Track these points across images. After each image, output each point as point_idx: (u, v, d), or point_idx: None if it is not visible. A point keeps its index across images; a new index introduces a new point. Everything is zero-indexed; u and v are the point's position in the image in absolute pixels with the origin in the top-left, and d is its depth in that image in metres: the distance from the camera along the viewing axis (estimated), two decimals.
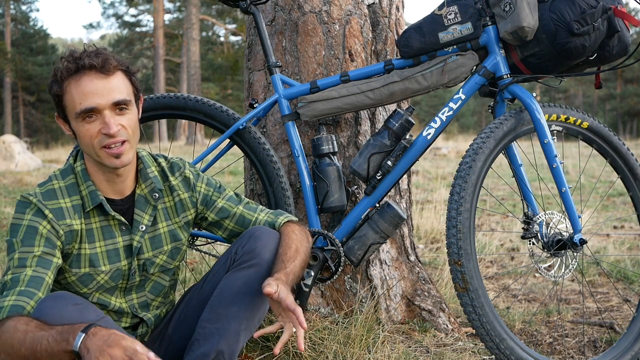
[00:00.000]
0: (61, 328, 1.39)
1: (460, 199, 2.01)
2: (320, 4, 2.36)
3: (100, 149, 1.61)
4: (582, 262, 3.16)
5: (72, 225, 1.65)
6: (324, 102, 2.18)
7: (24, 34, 35.66)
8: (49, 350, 1.37)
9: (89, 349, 1.33)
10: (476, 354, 2.21)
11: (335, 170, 2.15)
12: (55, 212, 1.63)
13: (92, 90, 1.58)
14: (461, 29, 2.10)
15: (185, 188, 1.83)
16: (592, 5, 2.00)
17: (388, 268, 2.44)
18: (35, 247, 1.58)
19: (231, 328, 1.64)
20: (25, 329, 1.41)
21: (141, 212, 1.75)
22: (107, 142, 1.60)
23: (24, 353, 1.39)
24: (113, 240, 1.71)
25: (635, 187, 2.29)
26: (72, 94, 1.59)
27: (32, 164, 11.37)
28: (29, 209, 1.63)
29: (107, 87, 1.59)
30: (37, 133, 33.35)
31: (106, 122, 1.58)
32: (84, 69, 1.59)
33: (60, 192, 1.67)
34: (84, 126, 1.60)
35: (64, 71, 1.60)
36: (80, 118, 1.59)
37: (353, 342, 2.07)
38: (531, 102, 2.07)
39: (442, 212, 4.63)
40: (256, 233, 1.76)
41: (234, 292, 1.68)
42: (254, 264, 1.70)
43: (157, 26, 27.29)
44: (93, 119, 1.59)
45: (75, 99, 1.58)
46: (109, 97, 1.59)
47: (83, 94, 1.58)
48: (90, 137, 1.60)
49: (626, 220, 5.44)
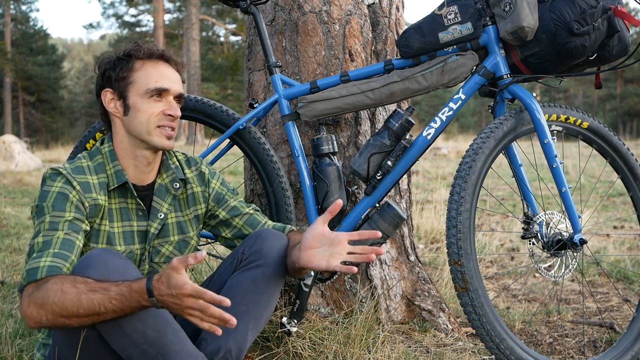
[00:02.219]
0: (120, 286, 1.44)
1: (460, 199, 2.00)
2: (320, 4, 2.36)
3: (156, 128, 1.73)
4: (582, 262, 3.16)
5: (98, 200, 1.70)
6: (324, 102, 2.18)
7: (24, 34, 35.65)
8: (117, 308, 1.43)
9: (164, 299, 1.40)
10: (476, 354, 2.21)
11: (335, 170, 2.15)
12: (82, 185, 1.69)
13: (168, 75, 1.76)
14: (461, 29, 2.10)
15: (200, 182, 1.90)
16: (592, 5, 2.00)
17: (388, 268, 2.44)
18: (66, 212, 1.63)
19: (239, 327, 1.64)
20: (76, 291, 1.44)
21: (161, 200, 1.81)
22: (166, 122, 1.74)
23: (82, 313, 1.44)
24: (130, 223, 1.76)
25: (635, 187, 2.29)
26: (148, 72, 1.74)
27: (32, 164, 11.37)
28: (59, 178, 1.67)
29: (177, 78, 1.79)
30: (37, 133, 33.34)
31: (172, 105, 1.75)
32: (164, 57, 1.77)
33: (87, 170, 1.74)
34: (150, 103, 1.73)
35: (146, 52, 1.75)
36: (148, 95, 1.72)
37: (353, 342, 2.07)
38: (531, 102, 2.07)
39: (442, 212, 4.63)
40: (263, 234, 1.79)
41: (241, 291, 1.70)
42: (262, 264, 1.72)
43: (157, 26, 27.27)
44: (160, 99, 1.74)
45: (152, 77, 1.73)
46: (178, 86, 1.78)
47: (161, 75, 1.74)
48: (152, 114, 1.73)
49: (626, 220, 5.44)
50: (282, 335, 2.10)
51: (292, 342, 2.08)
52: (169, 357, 1.50)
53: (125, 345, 1.51)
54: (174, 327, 1.55)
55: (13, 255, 3.92)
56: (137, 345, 1.50)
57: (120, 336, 1.50)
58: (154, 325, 1.52)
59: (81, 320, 1.46)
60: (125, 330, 1.50)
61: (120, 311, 1.44)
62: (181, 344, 1.53)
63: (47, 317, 1.46)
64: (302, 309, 2.11)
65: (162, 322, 1.54)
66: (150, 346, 1.50)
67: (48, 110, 35.38)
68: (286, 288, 2.36)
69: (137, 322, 1.50)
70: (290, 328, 2.05)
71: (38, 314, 1.47)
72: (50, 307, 1.45)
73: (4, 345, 2.19)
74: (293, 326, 2.06)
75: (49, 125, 34.62)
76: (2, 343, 2.21)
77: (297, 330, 2.07)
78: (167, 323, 1.55)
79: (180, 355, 1.51)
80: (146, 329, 1.51)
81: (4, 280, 3.21)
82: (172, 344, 1.52)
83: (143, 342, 1.50)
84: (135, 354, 1.51)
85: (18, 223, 5.04)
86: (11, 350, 2.14)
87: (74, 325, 1.47)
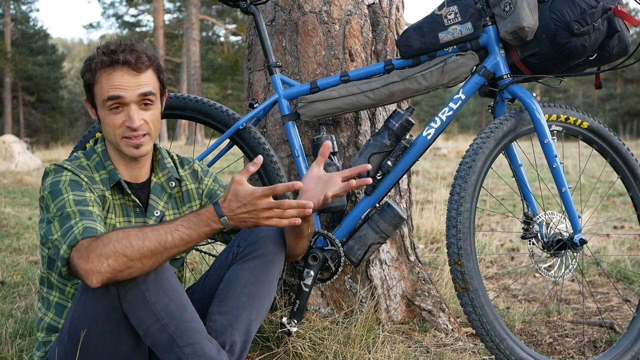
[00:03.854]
0: (185, 217, 1.51)
1: (460, 199, 2.01)
2: (320, 4, 2.36)
3: (122, 139, 1.70)
4: (582, 262, 3.16)
5: (104, 192, 1.72)
6: (324, 102, 2.18)
7: (24, 34, 35.67)
8: (185, 236, 1.48)
9: (237, 214, 1.49)
10: (476, 354, 2.21)
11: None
12: (88, 178, 1.70)
13: (121, 84, 1.67)
14: (461, 29, 2.10)
15: (193, 180, 1.91)
16: (592, 5, 2.00)
17: (388, 268, 2.44)
18: (86, 192, 1.64)
19: (242, 318, 1.66)
20: (133, 231, 1.47)
21: (157, 198, 1.82)
22: (129, 134, 1.69)
23: (147, 247, 1.46)
24: (129, 219, 1.78)
25: (635, 187, 2.29)
26: (102, 84, 1.68)
27: (32, 164, 11.37)
28: (66, 172, 1.68)
29: (136, 82, 1.68)
30: (37, 133, 33.34)
31: (130, 116, 1.67)
32: (117, 64, 1.67)
33: (88, 167, 1.75)
34: (110, 116, 1.69)
35: (99, 63, 1.68)
36: (107, 107, 1.68)
37: (353, 342, 2.07)
38: (531, 102, 2.07)
39: (442, 212, 4.63)
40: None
41: (241, 283, 1.71)
42: (259, 255, 1.74)
43: (157, 26, 27.26)
44: (119, 110, 1.68)
45: (104, 88, 1.68)
46: (137, 91, 1.68)
47: (112, 85, 1.67)
48: (114, 126, 1.69)
49: (626, 220, 5.44)
50: (282, 335, 2.10)
51: (292, 342, 2.08)
52: (187, 333, 1.51)
53: (145, 317, 1.51)
54: (193, 308, 1.57)
55: (13, 255, 3.92)
56: (158, 318, 1.51)
57: (143, 306, 1.51)
58: (176, 300, 1.53)
59: (145, 261, 1.46)
60: (149, 300, 1.50)
61: (188, 239, 1.48)
62: (200, 324, 1.56)
63: (109, 263, 1.43)
64: (302, 309, 2.11)
65: (183, 299, 1.56)
66: (170, 320, 1.51)
67: (48, 110, 35.39)
68: (286, 288, 2.36)
69: (162, 293, 1.52)
70: (290, 328, 2.05)
71: (100, 263, 1.43)
72: (114, 250, 1.44)
73: (4, 345, 2.19)
74: (293, 326, 2.06)
75: (49, 125, 34.62)
76: (2, 343, 2.21)
77: (297, 330, 2.07)
78: (188, 302, 1.57)
79: (197, 335, 1.53)
80: (170, 302, 1.52)
81: (4, 280, 3.21)
82: (191, 322, 1.54)
83: (165, 316, 1.51)
84: (155, 328, 1.51)
85: (18, 223, 5.03)
86: (11, 350, 2.14)
87: (136, 269, 1.46)
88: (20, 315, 2.62)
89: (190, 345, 1.51)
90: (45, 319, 1.75)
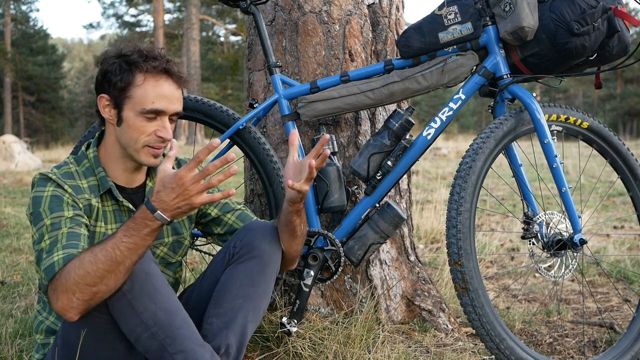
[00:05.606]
0: (124, 225, 1.47)
1: (460, 199, 2.01)
2: (320, 4, 2.36)
3: (145, 147, 1.69)
4: (582, 262, 3.16)
5: (90, 200, 1.69)
6: (324, 102, 2.18)
7: (24, 34, 35.67)
8: (131, 244, 1.44)
9: (171, 204, 1.45)
10: (476, 354, 2.21)
11: (335, 170, 2.15)
12: (73, 187, 1.68)
13: (168, 94, 1.68)
14: (461, 29, 2.10)
15: None
16: (592, 5, 2.00)
17: (388, 268, 2.44)
18: (64, 211, 1.61)
19: (238, 320, 1.65)
20: (86, 256, 1.44)
21: None
22: (155, 144, 1.69)
23: (101, 269, 1.42)
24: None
25: (635, 187, 2.29)
26: (147, 90, 1.66)
27: (32, 164, 11.37)
28: (50, 184, 1.65)
29: (178, 96, 1.71)
30: (37, 133, 33.35)
31: (166, 128, 1.69)
32: (169, 73, 1.69)
33: (77, 174, 1.72)
34: (142, 122, 1.67)
35: (150, 67, 1.66)
36: (143, 114, 1.66)
37: (353, 342, 2.07)
38: (531, 102, 2.07)
39: (442, 212, 4.63)
40: (253, 226, 1.81)
41: (236, 285, 1.70)
42: (255, 256, 1.73)
43: (157, 26, 27.26)
44: (154, 119, 1.68)
45: (149, 96, 1.66)
46: (176, 106, 1.70)
47: (160, 95, 1.67)
48: (142, 133, 1.68)
49: (626, 220, 5.44)
50: (282, 335, 2.10)
51: (292, 342, 2.08)
52: (177, 341, 1.50)
53: (134, 326, 1.51)
54: (184, 313, 1.56)
55: (13, 255, 3.92)
56: (147, 326, 1.50)
57: (131, 315, 1.50)
58: (165, 307, 1.52)
59: (106, 281, 1.43)
60: (137, 309, 1.50)
61: (134, 247, 1.44)
62: (190, 331, 1.54)
63: (77, 296, 1.43)
64: (302, 309, 2.11)
65: (173, 305, 1.55)
66: (160, 328, 1.50)
67: (48, 110, 35.40)
68: (286, 288, 2.36)
69: (149, 301, 1.50)
70: (290, 328, 2.05)
71: (69, 300, 1.43)
72: (75, 282, 1.43)
73: (4, 345, 2.19)
74: (293, 326, 2.06)
75: (49, 125, 34.63)
76: (2, 343, 2.21)
77: (297, 330, 2.07)
78: (178, 308, 1.56)
79: (188, 342, 1.51)
80: (157, 310, 1.51)
81: (4, 280, 3.21)
82: (181, 329, 1.52)
83: (153, 324, 1.50)
84: (144, 336, 1.51)
85: (18, 223, 5.04)
86: (11, 350, 2.14)
87: (103, 291, 1.45)
88: (20, 315, 2.62)
89: (181, 352, 1.50)
90: (46, 322, 1.74)
